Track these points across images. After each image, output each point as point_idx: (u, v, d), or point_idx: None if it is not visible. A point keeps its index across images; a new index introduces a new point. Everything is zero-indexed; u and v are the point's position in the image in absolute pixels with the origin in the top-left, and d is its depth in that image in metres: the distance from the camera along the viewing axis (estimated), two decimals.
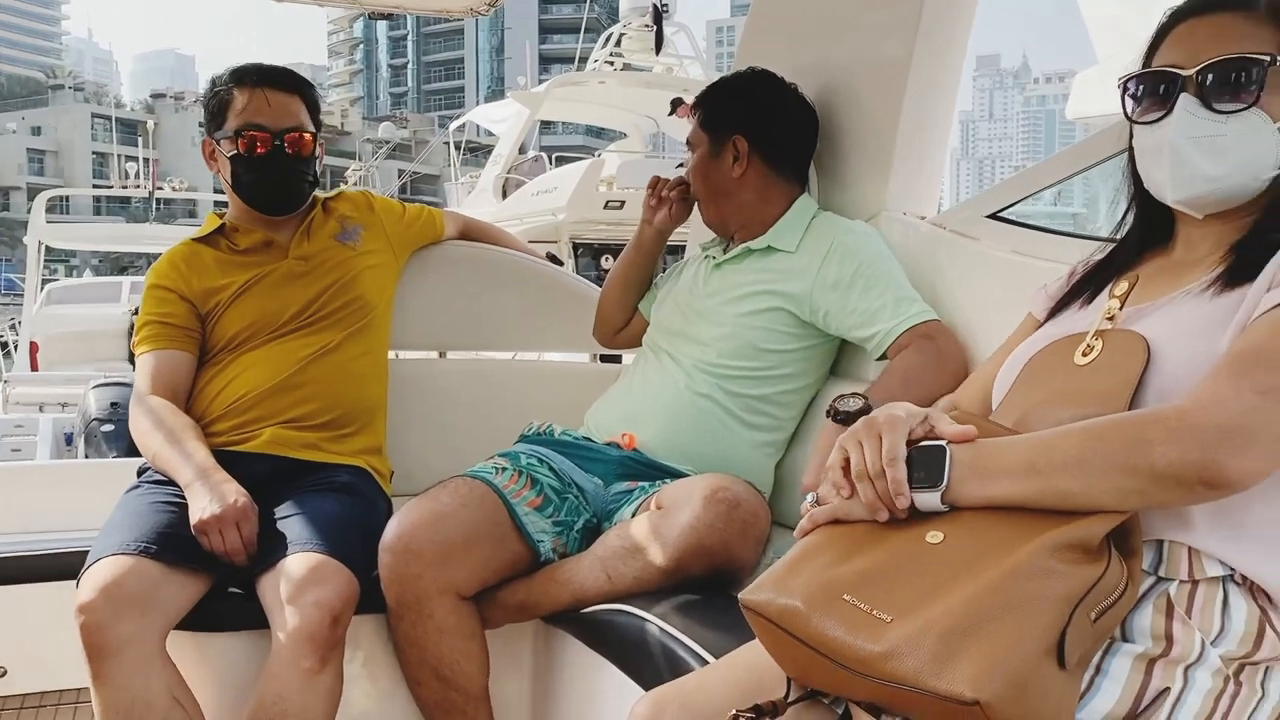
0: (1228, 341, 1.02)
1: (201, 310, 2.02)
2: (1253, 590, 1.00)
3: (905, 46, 1.99)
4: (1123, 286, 1.18)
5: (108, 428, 4.92)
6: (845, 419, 1.49)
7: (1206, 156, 1.10)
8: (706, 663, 1.32)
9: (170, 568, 1.66)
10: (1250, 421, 0.93)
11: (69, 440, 5.26)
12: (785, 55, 2.19)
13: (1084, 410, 1.04)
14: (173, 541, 1.69)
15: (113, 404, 5.04)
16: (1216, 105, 1.09)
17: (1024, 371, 1.19)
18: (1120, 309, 1.15)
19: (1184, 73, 1.10)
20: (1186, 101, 1.10)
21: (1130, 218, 1.25)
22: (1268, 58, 1.08)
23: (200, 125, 2.17)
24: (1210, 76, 1.09)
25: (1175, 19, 1.15)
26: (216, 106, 2.05)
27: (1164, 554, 1.01)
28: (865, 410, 1.48)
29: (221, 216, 2.14)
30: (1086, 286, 1.26)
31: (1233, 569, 1.00)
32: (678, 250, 2.47)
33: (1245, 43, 1.09)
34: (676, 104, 10.31)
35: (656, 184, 2.13)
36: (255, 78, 2.03)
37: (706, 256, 2.08)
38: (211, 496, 1.72)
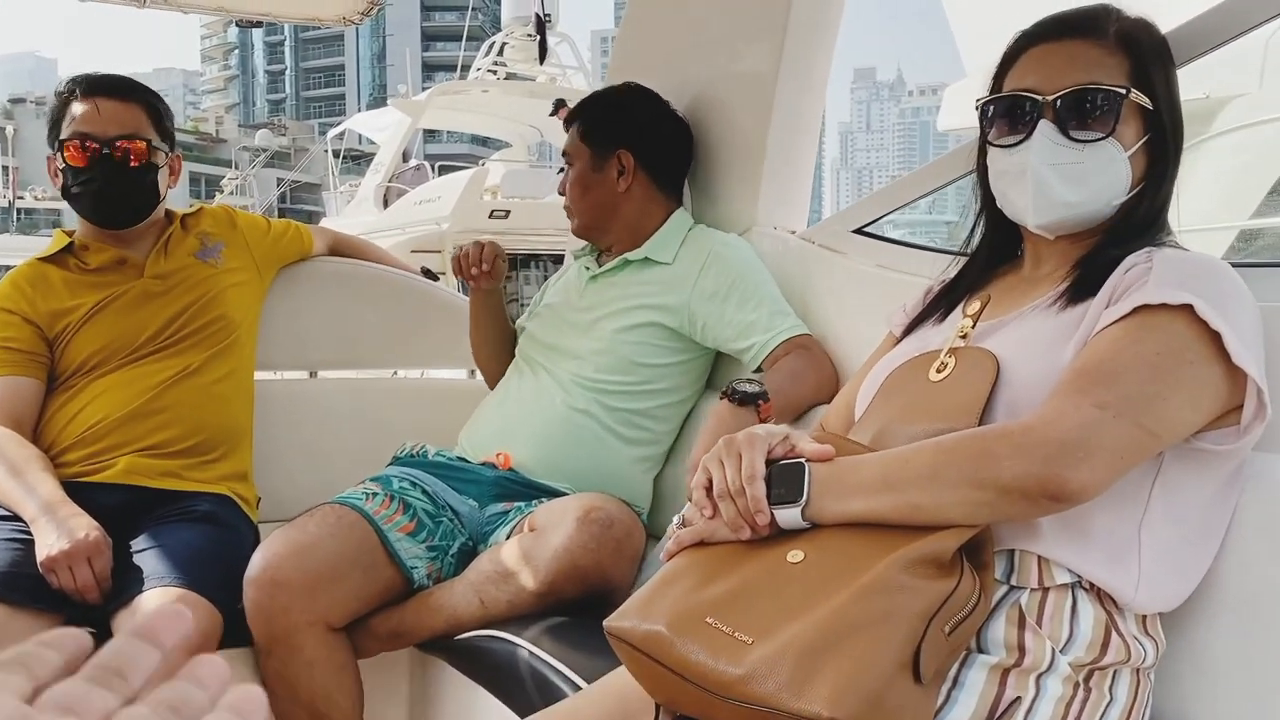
0: (1070, 356, 1.06)
1: (49, 334, 1.91)
2: (1099, 596, 1.04)
3: (771, 64, 2.02)
4: (975, 305, 1.22)
5: None
6: (741, 398, 1.57)
7: (1067, 183, 1.13)
8: (579, 688, 1.31)
9: (15, 609, 1.57)
10: (1089, 435, 0.96)
11: None
12: (656, 71, 2.20)
13: (937, 425, 1.07)
14: (18, 580, 1.60)
15: None
16: (1074, 134, 1.13)
17: (882, 388, 1.22)
18: (973, 326, 1.19)
19: (1042, 98, 1.14)
20: (1046, 128, 1.13)
21: (978, 233, 1.29)
22: (1123, 90, 1.12)
23: None
24: (1068, 105, 1.13)
25: (1026, 42, 1.19)
26: (53, 119, 1.96)
27: (1015, 563, 1.05)
28: (762, 394, 1.56)
29: (70, 234, 2.03)
30: (941, 303, 1.30)
31: (1079, 575, 1.03)
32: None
33: (1098, 71, 1.13)
34: (559, 105, 10.30)
35: (461, 267, 2.09)
36: (87, 86, 1.94)
37: (581, 267, 2.07)
38: (59, 532, 1.63)
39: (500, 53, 12.93)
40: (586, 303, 1.99)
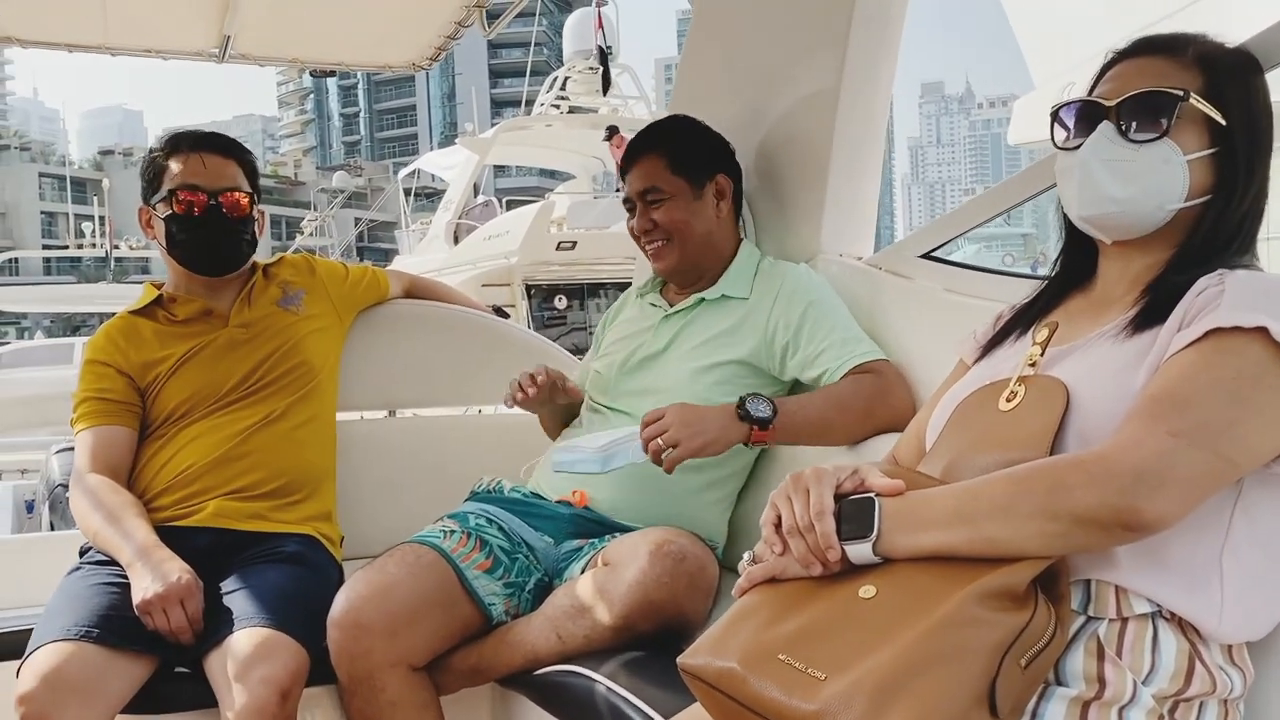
0: (1142, 382, 1.04)
1: (140, 384, 2.00)
2: (1181, 625, 1.02)
3: (833, 81, 2.02)
4: (1044, 332, 1.21)
5: None
6: (744, 417, 1.69)
7: (1114, 178, 1.13)
8: None
9: (114, 651, 1.63)
10: (1164, 464, 0.95)
11: (30, 508, 5.15)
12: (719, 100, 2.23)
13: (1008, 456, 1.06)
14: (116, 624, 1.66)
15: None
16: (1131, 135, 1.13)
17: (951, 419, 1.21)
18: (1042, 354, 1.18)
19: (1108, 104, 1.15)
20: (1105, 128, 1.14)
21: (1061, 246, 1.28)
22: (1180, 92, 1.11)
23: None
24: (1128, 108, 1.13)
25: (1115, 60, 1.20)
26: (152, 174, 2.04)
27: (1092, 593, 1.03)
28: (761, 420, 1.68)
29: (159, 287, 2.12)
30: (1014, 328, 1.29)
31: (1159, 605, 1.01)
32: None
33: (1165, 80, 1.13)
34: (612, 131, 10.41)
35: (518, 396, 2.00)
36: (190, 143, 2.04)
37: (651, 304, 2.06)
38: (154, 575, 1.69)
39: (563, 87, 13.10)
40: (662, 343, 1.97)
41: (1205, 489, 0.97)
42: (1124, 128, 1.14)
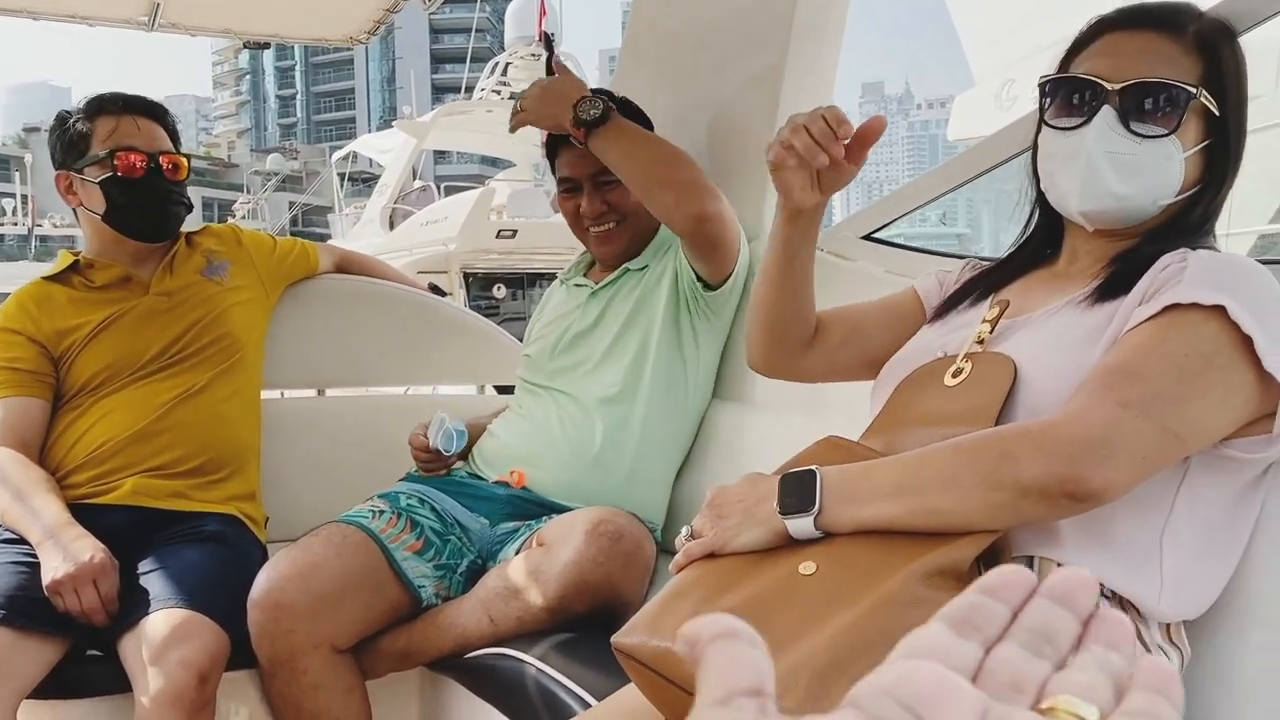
0: (1099, 355, 1.03)
1: (54, 353, 1.91)
2: (1122, 604, 1.01)
3: (776, 68, 2.01)
4: (994, 310, 1.18)
5: None
6: (576, 121, 1.78)
7: (1118, 174, 1.09)
8: (588, 705, 1.28)
9: (21, 633, 1.55)
10: (1112, 434, 0.93)
11: None
12: (661, 86, 2.20)
13: (951, 430, 1.04)
14: (24, 604, 1.58)
15: None
16: (1135, 126, 1.08)
17: (895, 393, 1.19)
18: (991, 332, 1.15)
19: (1109, 86, 1.09)
20: (1108, 115, 1.08)
21: (1034, 220, 1.24)
22: (1193, 89, 1.07)
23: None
24: (1133, 96, 1.08)
25: (1102, 28, 1.14)
26: (75, 137, 1.96)
27: (1035, 570, 1.01)
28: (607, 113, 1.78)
29: (75, 254, 2.03)
30: (972, 291, 1.26)
31: (1102, 583, 1.00)
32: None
33: (1170, 67, 1.08)
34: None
35: (427, 469, 1.94)
36: (120, 105, 1.97)
37: (576, 285, 2.02)
38: (64, 555, 1.61)
39: (504, 73, 12.98)
40: (591, 319, 1.95)
41: (1153, 462, 0.96)
42: (1126, 117, 1.08)
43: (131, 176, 1.93)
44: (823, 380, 1.47)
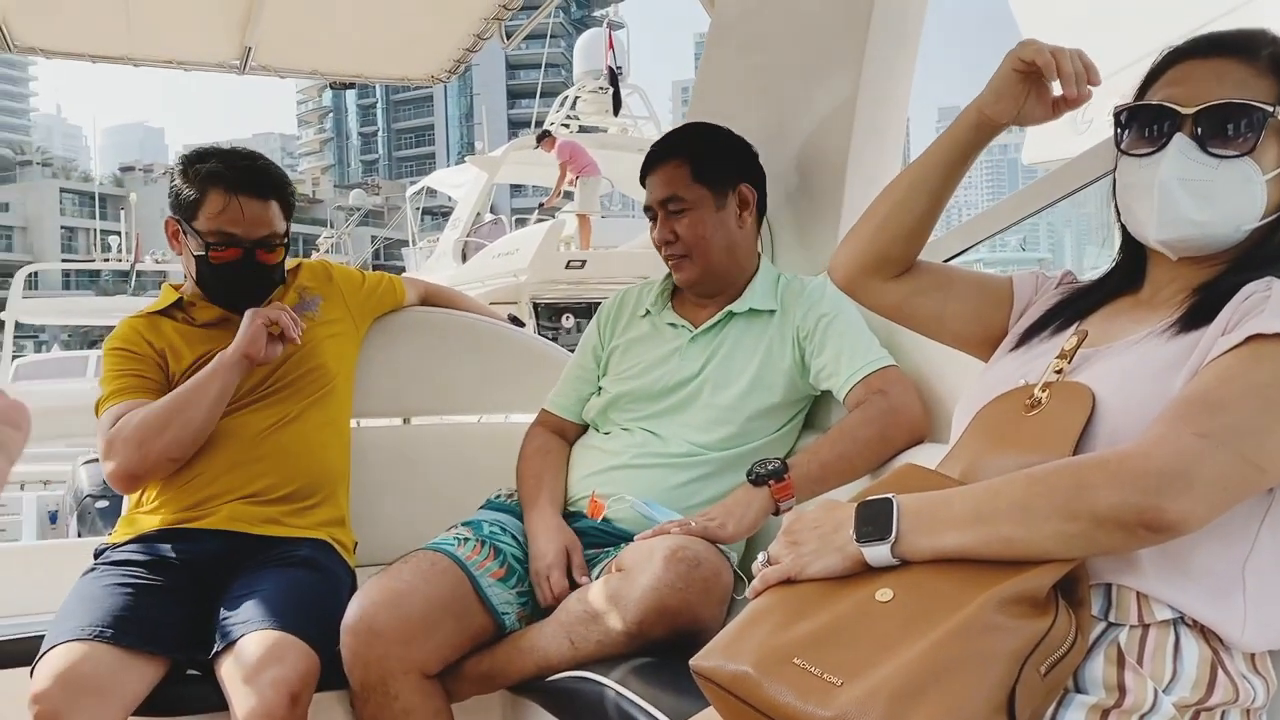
0: (1180, 385, 1.02)
1: (168, 370, 1.99)
2: (1204, 633, 1.00)
3: (850, 94, 2.02)
4: (1073, 341, 1.17)
5: (102, 504, 4.72)
6: (756, 480, 1.70)
7: (1194, 200, 1.09)
8: None
9: (127, 652, 1.63)
10: (1190, 465, 0.93)
11: (53, 519, 5.15)
12: (735, 117, 2.22)
13: (1028, 459, 1.05)
14: (129, 625, 1.66)
15: (105, 479, 4.88)
16: (1211, 149, 1.08)
17: (975, 420, 1.19)
18: (1069, 363, 1.15)
19: (1183, 111, 1.09)
20: (1181, 141, 1.09)
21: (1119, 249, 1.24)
22: (1269, 108, 1.07)
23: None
24: (1208, 119, 1.08)
25: (1176, 57, 1.15)
26: (186, 200, 1.97)
27: (1113, 598, 1.01)
28: (774, 474, 1.68)
29: (178, 289, 2.12)
30: (1057, 316, 1.26)
31: (1181, 612, 1.00)
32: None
33: (1245, 89, 1.08)
34: (543, 135, 10.49)
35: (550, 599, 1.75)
36: (229, 183, 1.94)
37: (670, 325, 1.99)
38: (239, 337, 1.90)
39: (573, 106, 13.16)
40: (696, 367, 1.91)
41: (1231, 493, 0.95)
42: (1202, 140, 1.08)
43: (219, 263, 1.96)
44: (886, 315, 1.45)
